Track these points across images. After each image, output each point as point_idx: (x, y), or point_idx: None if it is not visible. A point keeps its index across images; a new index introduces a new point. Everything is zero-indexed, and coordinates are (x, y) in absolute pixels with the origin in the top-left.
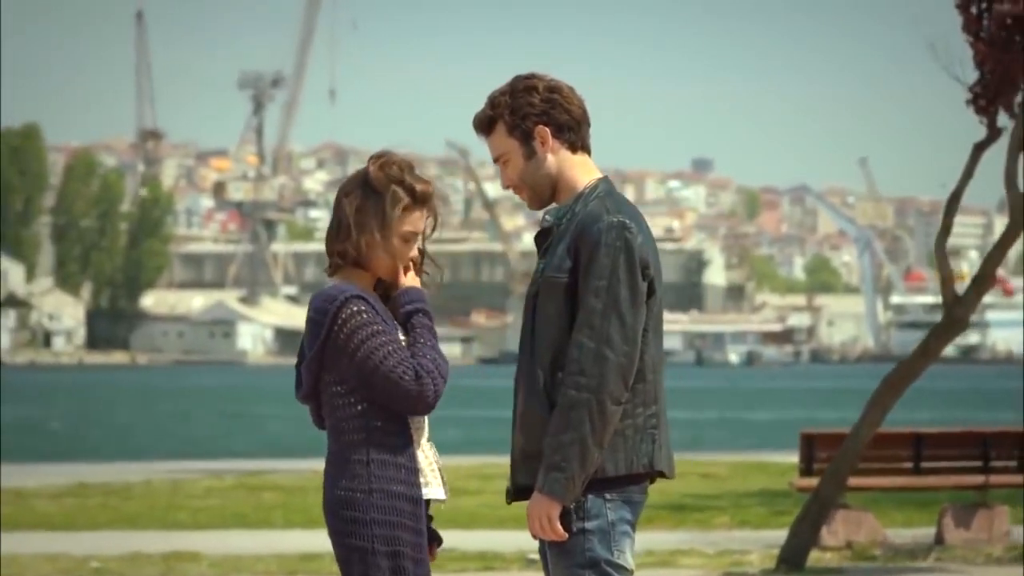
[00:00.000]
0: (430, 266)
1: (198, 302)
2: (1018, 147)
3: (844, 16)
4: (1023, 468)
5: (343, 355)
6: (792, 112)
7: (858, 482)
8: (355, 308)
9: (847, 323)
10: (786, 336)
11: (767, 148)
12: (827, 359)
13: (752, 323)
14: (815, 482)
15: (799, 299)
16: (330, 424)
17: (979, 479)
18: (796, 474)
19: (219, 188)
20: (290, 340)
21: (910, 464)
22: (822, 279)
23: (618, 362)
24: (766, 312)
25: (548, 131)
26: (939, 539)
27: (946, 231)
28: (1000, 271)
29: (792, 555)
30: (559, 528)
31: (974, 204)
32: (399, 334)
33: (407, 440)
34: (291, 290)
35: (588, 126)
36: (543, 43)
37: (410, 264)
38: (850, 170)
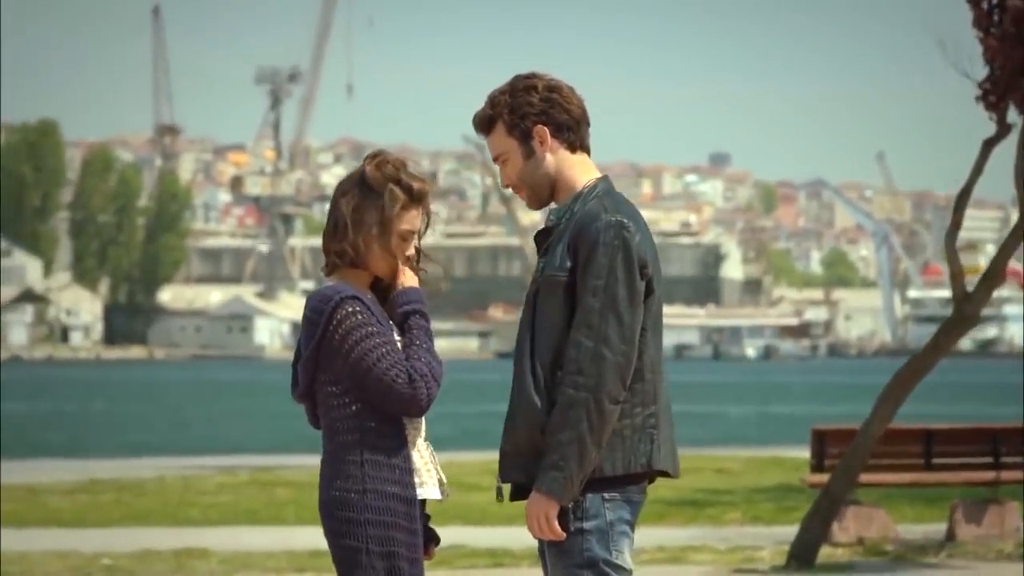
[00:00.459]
0: (426, 263)
1: (215, 297)
2: None
3: (862, 11)
4: None
5: (337, 356)
6: (810, 106)
7: (869, 478)
8: (350, 309)
9: (864, 317)
10: (803, 330)
11: (784, 142)
12: (844, 353)
13: (769, 317)
14: (826, 478)
15: (816, 293)
16: (325, 424)
17: (990, 475)
18: (808, 470)
19: (236, 183)
20: None
21: (921, 460)
22: (839, 273)
23: (616, 361)
24: (783, 306)
25: (547, 131)
26: (950, 535)
27: (956, 228)
28: (1019, 265)
29: (802, 551)
30: (557, 528)
31: (990, 198)
32: (395, 335)
33: (401, 441)
34: (308, 285)
35: (587, 126)
36: (560, 40)
37: (409, 264)
38: (867, 164)
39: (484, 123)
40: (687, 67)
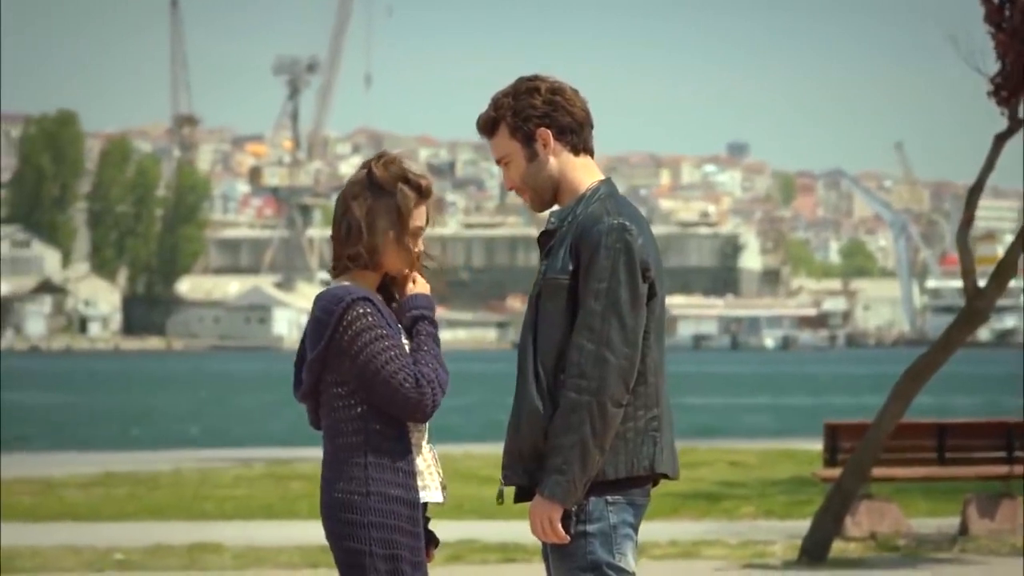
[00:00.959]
0: (426, 260)
1: (234, 287)
2: None
3: (880, 2)
4: None
5: (345, 356)
6: (828, 96)
7: (882, 472)
8: (361, 310)
9: (883, 307)
10: (822, 320)
11: (803, 132)
12: (863, 343)
13: (788, 307)
14: (839, 472)
15: (835, 283)
16: (327, 424)
17: (1003, 469)
18: (820, 464)
19: (255, 173)
20: None
21: (934, 454)
22: (858, 263)
23: (618, 364)
24: (802, 296)
25: (550, 133)
26: (963, 529)
27: (968, 223)
28: None
29: (814, 547)
30: (560, 531)
31: (1009, 187)
32: (403, 339)
33: (406, 444)
34: (327, 275)
35: (591, 128)
36: (579, 31)
37: (417, 269)
38: (886, 154)
39: (487, 125)
40: (706, 58)
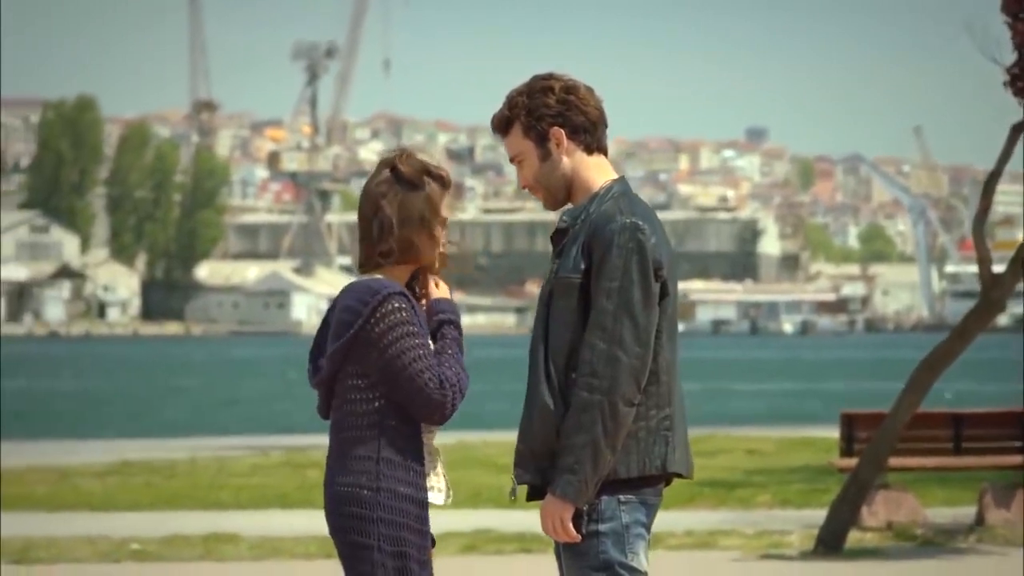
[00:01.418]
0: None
1: (252, 273)
2: None
3: None
4: None
5: (373, 349)
6: (847, 81)
7: (898, 462)
8: (396, 304)
9: (902, 292)
10: (840, 305)
11: (821, 117)
12: (882, 328)
13: (807, 292)
14: (855, 462)
15: (853, 268)
16: (339, 416)
17: (1019, 459)
18: (837, 454)
19: (273, 159)
20: None
21: (950, 444)
22: (876, 248)
23: (630, 364)
24: (820, 281)
25: (563, 133)
26: (979, 519)
27: (984, 213)
28: None
29: (830, 537)
30: (572, 530)
31: None
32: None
33: (418, 443)
34: (345, 260)
35: (605, 127)
36: (599, 16)
37: (442, 261)
38: (904, 139)
39: (501, 124)
40: (725, 43)
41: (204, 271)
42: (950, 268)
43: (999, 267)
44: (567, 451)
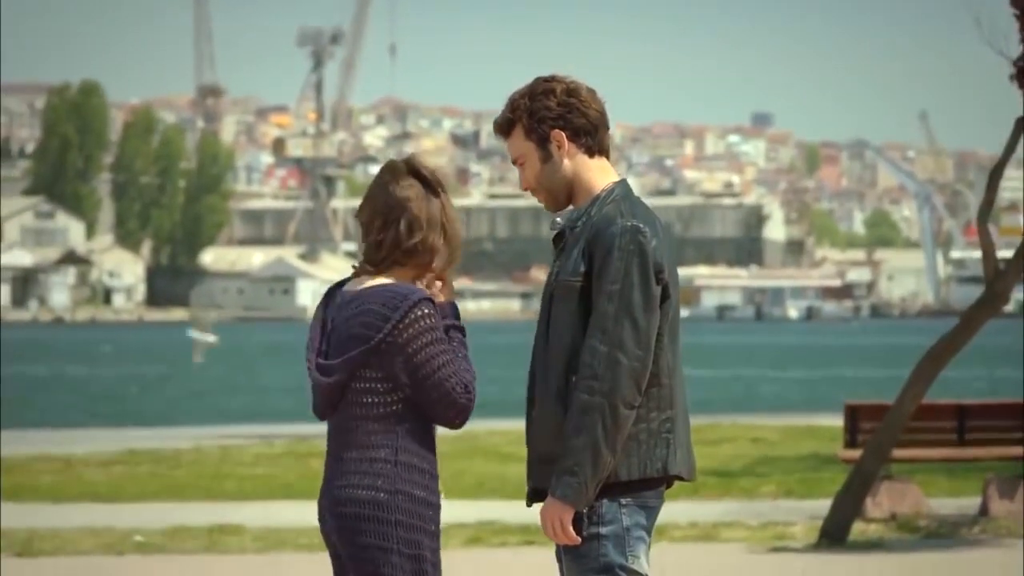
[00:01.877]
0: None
1: (258, 259)
2: None
3: None
4: None
5: (399, 353)
6: (852, 67)
7: (902, 453)
8: (427, 310)
9: (907, 278)
10: (846, 291)
11: (827, 102)
12: (887, 314)
13: (812, 278)
14: (859, 454)
15: (859, 254)
16: (349, 417)
17: (1023, 450)
18: (841, 445)
19: (279, 144)
20: None
21: (954, 435)
22: (882, 234)
23: (631, 366)
24: (826, 267)
25: (564, 135)
26: (984, 510)
27: (988, 205)
28: None
29: (834, 528)
30: (571, 533)
31: None
32: None
33: (432, 445)
34: (351, 246)
35: (606, 130)
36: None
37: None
38: (910, 124)
39: (503, 126)
40: (730, 28)
41: (209, 257)
42: (955, 253)
43: (1005, 253)
44: (567, 453)
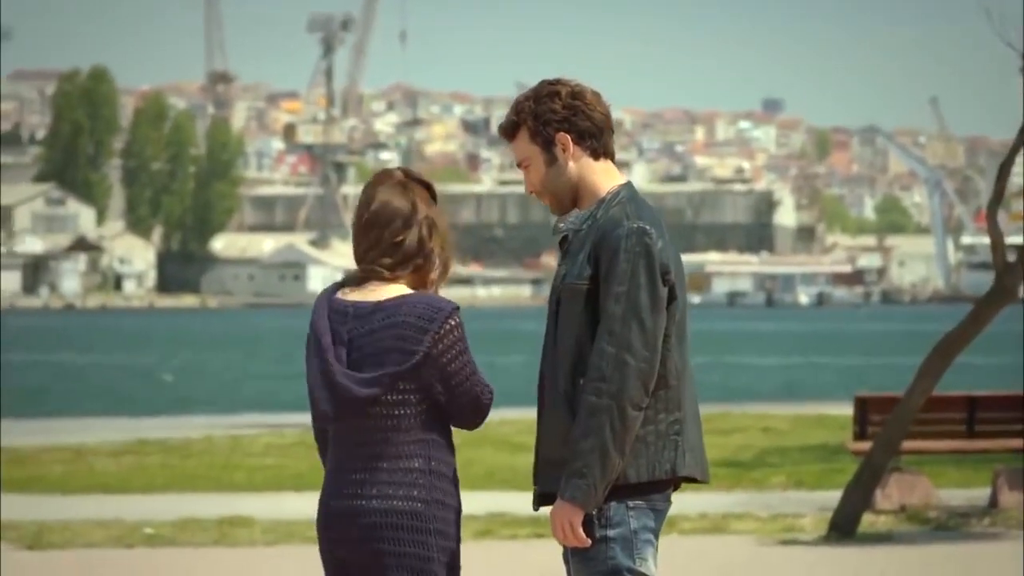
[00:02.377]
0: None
1: (268, 245)
2: None
3: None
4: None
5: (435, 365)
6: (863, 52)
7: (912, 445)
8: (457, 321)
9: (918, 264)
10: (856, 277)
11: (838, 88)
12: (898, 300)
13: (822, 264)
14: (869, 446)
15: (869, 240)
16: (377, 430)
17: None
18: (851, 437)
19: (289, 131)
20: None
21: (963, 427)
22: (892, 219)
23: (638, 368)
24: (836, 253)
25: (569, 138)
26: (993, 502)
27: (998, 198)
28: None
29: (844, 521)
30: (581, 535)
31: None
32: None
33: (453, 451)
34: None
35: (611, 132)
36: None
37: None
38: (921, 110)
39: (508, 129)
40: (741, 14)
41: (220, 243)
42: (966, 239)
43: (1015, 238)
44: (575, 455)
